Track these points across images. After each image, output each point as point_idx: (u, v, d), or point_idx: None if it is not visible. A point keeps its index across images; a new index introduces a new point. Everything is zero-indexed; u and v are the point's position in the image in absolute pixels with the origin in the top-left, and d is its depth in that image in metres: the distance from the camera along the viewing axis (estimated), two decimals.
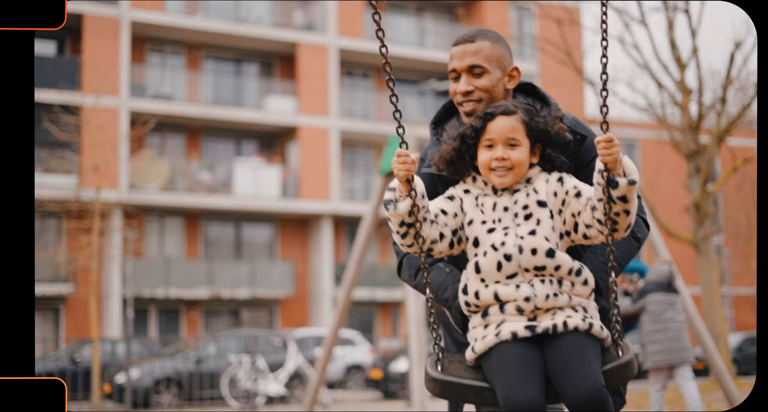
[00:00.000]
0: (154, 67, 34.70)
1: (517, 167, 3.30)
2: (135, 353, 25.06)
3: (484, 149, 3.34)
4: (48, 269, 30.73)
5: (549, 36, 26.74)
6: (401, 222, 3.25)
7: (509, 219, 3.30)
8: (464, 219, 3.36)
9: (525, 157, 3.31)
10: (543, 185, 3.33)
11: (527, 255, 3.23)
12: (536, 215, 3.28)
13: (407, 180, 3.19)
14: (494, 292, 3.26)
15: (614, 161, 3.09)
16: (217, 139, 35.38)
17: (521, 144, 3.30)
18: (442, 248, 3.34)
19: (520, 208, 3.30)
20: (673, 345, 10.76)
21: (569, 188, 3.30)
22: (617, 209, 3.16)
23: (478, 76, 3.43)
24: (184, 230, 34.16)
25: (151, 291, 31.78)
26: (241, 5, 35.36)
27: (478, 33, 3.50)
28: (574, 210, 3.26)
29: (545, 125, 3.33)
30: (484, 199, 3.35)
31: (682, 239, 22.62)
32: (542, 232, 3.26)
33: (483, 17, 37.05)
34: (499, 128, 3.30)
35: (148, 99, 32.85)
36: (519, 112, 3.31)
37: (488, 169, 3.32)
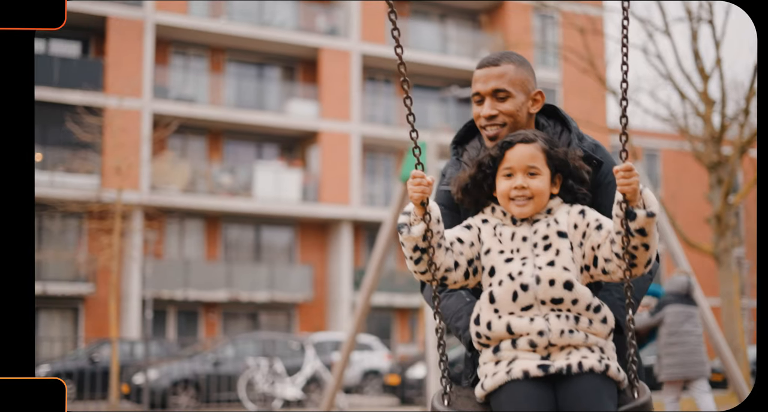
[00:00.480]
0: (177, 69, 34.85)
1: (538, 197, 3.21)
2: (153, 354, 25.14)
3: (502, 178, 3.25)
4: (68, 268, 30.88)
5: (572, 45, 26.72)
6: (415, 247, 3.15)
7: (528, 249, 3.19)
8: (481, 249, 3.25)
9: (545, 186, 3.22)
10: (564, 216, 3.23)
11: (544, 286, 3.11)
12: (556, 246, 3.18)
13: (422, 203, 3.11)
14: (507, 323, 3.13)
15: (633, 192, 2.99)
16: (238, 143, 35.48)
17: (541, 173, 3.22)
18: (456, 277, 3.22)
19: (540, 238, 3.20)
20: (689, 359, 10.70)
21: (590, 220, 3.19)
22: (635, 242, 3.03)
23: (502, 100, 3.38)
24: (204, 232, 34.27)
25: (170, 292, 31.88)
26: (264, 9, 35.49)
27: (503, 56, 3.44)
28: (594, 243, 3.14)
29: (565, 156, 3.26)
30: (502, 228, 3.26)
31: (702, 250, 22.53)
32: (561, 263, 3.14)
33: (506, 25, 37.05)
34: (518, 156, 3.22)
35: (170, 101, 33.00)
36: (539, 141, 3.24)
37: (507, 198, 3.23)
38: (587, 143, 3.47)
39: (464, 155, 3.55)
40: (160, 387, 21.79)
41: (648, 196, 3.01)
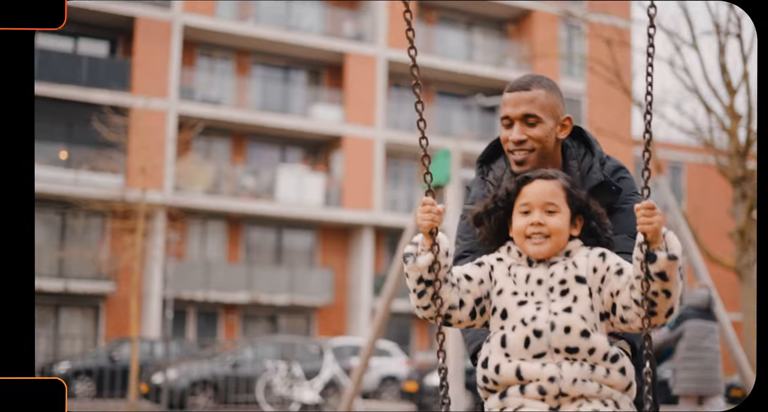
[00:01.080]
0: (203, 71, 35.00)
1: (555, 236, 3.03)
2: (173, 354, 25.27)
3: (519, 215, 3.08)
4: (91, 267, 31.05)
5: (598, 56, 26.69)
6: (419, 278, 2.99)
7: (543, 293, 3.00)
8: (492, 288, 3.07)
9: (564, 225, 3.04)
10: (583, 260, 3.03)
11: (559, 333, 2.91)
12: (573, 291, 2.98)
13: (431, 233, 2.97)
14: (517, 367, 2.93)
15: (655, 232, 2.82)
16: (262, 145, 35.59)
17: (560, 211, 3.04)
18: (461, 316, 3.06)
19: (557, 282, 3.00)
20: (706, 375, 10.66)
21: (611, 265, 3.00)
22: (656, 287, 2.85)
23: (531, 126, 3.34)
24: (226, 233, 34.38)
25: (191, 293, 32.00)
26: (292, 13, 35.60)
27: (533, 80, 3.39)
28: (613, 289, 2.95)
29: (587, 200, 3.10)
30: (517, 269, 3.06)
31: (724, 265, 22.46)
32: (579, 310, 2.95)
33: (533, 35, 37.02)
34: (537, 192, 3.06)
35: (196, 103, 33.14)
36: (560, 178, 3.09)
37: (523, 236, 3.05)
38: (609, 169, 3.44)
39: (489, 174, 3.54)
40: (179, 387, 21.90)
41: (671, 240, 2.84)
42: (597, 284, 2.98)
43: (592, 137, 3.52)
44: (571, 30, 38.02)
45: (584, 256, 3.05)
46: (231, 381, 22.24)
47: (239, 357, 23.00)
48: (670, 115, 64.17)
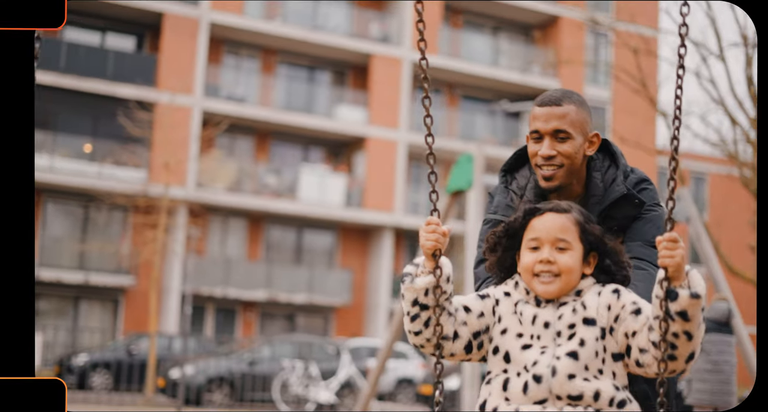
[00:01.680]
0: (228, 68, 35.13)
1: (566, 275, 2.82)
2: (190, 350, 25.37)
3: (527, 251, 2.88)
4: (111, 260, 31.22)
5: (624, 64, 26.65)
6: (414, 300, 2.84)
7: (550, 337, 2.80)
8: (493, 323, 2.89)
9: (576, 264, 2.84)
10: (594, 299, 2.83)
11: (561, 379, 2.72)
12: (580, 334, 2.77)
13: (434, 255, 2.85)
14: (516, 410, 2.76)
15: (676, 267, 2.64)
16: (285, 144, 35.68)
17: (572, 248, 2.84)
18: (454, 348, 2.89)
19: (565, 326, 2.80)
20: (721, 388, 10.64)
21: (626, 303, 2.80)
22: (676, 328, 2.65)
23: (562, 141, 3.34)
24: (247, 231, 34.48)
25: (210, 289, 32.12)
26: (319, 13, 35.68)
27: (564, 95, 3.38)
28: (629, 329, 2.76)
29: (602, 235, 2.91)
30: (524, 307, 2.87)
31: (744, 278, 22.39)
32: (585, 355, 2.75)
33: (559, 41, 36.99)
34: (547, 226, 2.87)
35: (221, 100, 33.27)
36: (573, 212, 2.90)
37: (531, 274, 2.85)
38: (632, 181, 3.44)
39: (513, 183, 3.53)
40: (196, 383, 22.01)
41: (694, 277, 2.66)
42: (610, 323, 2.79)
43: (617, 150, 3.51)
44: (597, 38, 37.96)
45: (596, 294, 2.85)
46: (248, 379, 22.33)
47: (256, 355, 23.08)
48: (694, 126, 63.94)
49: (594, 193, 3.44)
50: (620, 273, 2.91)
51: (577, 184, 3.45)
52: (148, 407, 21.56)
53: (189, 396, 21.73)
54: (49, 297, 31.32)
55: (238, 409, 21.84)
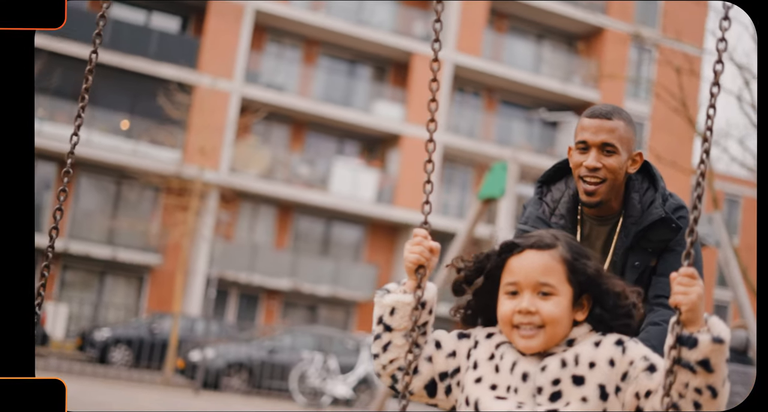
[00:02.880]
0: (270, 56, 35.22)
1: (551, 326, 2.39)
2: (212, 333, 25.56)
3: (505, 297, 2.45)
4: (139, 238, 31.42)
5: (666, 82, 26.56)
6: (380, 318, 2.54)
7: (527, 393, 2.38)
8: (466, 369, 2.49)
9: (563, 312, 2.41)
10: (589, 351, 2.39)
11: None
12: (567, 396, 2.35)
13: (417, 271, 2.54)
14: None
15: (690, 306, 2.24)
16: (320, 136, 35.76)
17: (558, 293, 2.40)
18: (413, 386, 2.51)
19: (548, 381, 2.37)
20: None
21: (635, 358, 2.36)
22: (697, 382, 2.23)
23: (608, 154, 3.35)
24: (276, 219, 34.59)
25: (235, 274, 32.25)
26: (364, 8, 35.73)
27: (614, 111, 3.38)
28: (641, 389, 2.32)
29: (597, 274, 2.46)
30: (506, 351, 2.45)
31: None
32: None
33: (603, 54, 36.84)
34: (526, 268, 2.43)
35: (260, 87, 33.37)
36: (560, 247, 2.46)
37: (510, 325, 2.42)
38: (671, 206, 3.42)
39: (547, 196, 3.54)
40: (215, 367, 22.16)
41: (715, 323, 2.26)
42: (615, 382, 2.35)
43: (657, 173, 3.51)
44: (641, 53, 37.78)
45: (592, 345, 2.41)
46: (266, 367, 22.46)
47: (277, 344, 23.19)
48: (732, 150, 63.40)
49: (631, 213, 3.43)
50: (618, 322, 2.46)
51: (615, 202, 3.45)
52: (165, 387, 21.74)
53: (207, 379, 21.90)
54: (76, 270, 31.61)
55: (255, 397, 21.98)
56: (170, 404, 18.32)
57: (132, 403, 17.23)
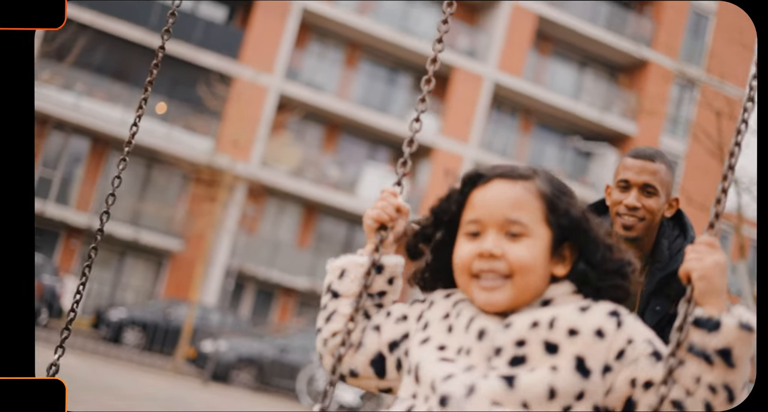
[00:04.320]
0: (312, 55, 35.31)
1: (520, 275, 1.87)
2: (226, 325, 25.62)
3: (464, 239, 1.95)
4: (163, 222, 31.53)
5: (705, 123, 26.48)
6: (329, 285, 2.13)
7: (482, 354, 1.86)
8: (415, 331, 2.01)
9: (537, 259, 1.89)
10: (571, 315, 1.85)
11: (478, 405, 1.77)
12: (533, 362, 1.82)
13: (378, 231, 2.12)
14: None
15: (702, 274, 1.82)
16: (354, 139, 35.81)
17: (530, 234, 1.89)
18: (355, 364, 2.05)
19: (511, 341, 1.84)
20: None
21: (635, 337, 1.84)
22: (712, 377, 1.77)
23: (648, 195, 3.41)
24: (301, 218, 34.65)
25: (254, 268, 32.33)
26: (410, 16, 35.76)
27: (657, 154, 3.46)
28: (640, 376, 1.81)
29: (584, 217, 1.95)
30: (463, 307, 1.96)
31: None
32: (529, 389, 1.78)
33: (644, 88, 36.71)
34: (491, 201, 1.92)
35: (299, 84, 33.43)
36: (536, 179, 1.95)
37: (468, 274, 1.92)
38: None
39: None
40: (225, 360, 22.22)
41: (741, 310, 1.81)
42: (604, 359, 1.82)
43: (689, 222, 3.53)
44: (682, 90, 37.68)
45: (576, 309, 1.87)
46: (276, 365, 22.48)
47: (289, 342, 23.21)
48: None
49: (659, 258, 3.46)
50: (606, 282, 1.93)
51: (647, 244, 3.48)
52: (175, 375, 21.83)
53: (217, 371, 21.96)
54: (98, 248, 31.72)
55: (262, 393, 22.03)
56: (178, 394, 18.41)
57: (140, 389, 17.32)
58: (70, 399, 2.37)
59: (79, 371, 16.13)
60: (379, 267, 2.12)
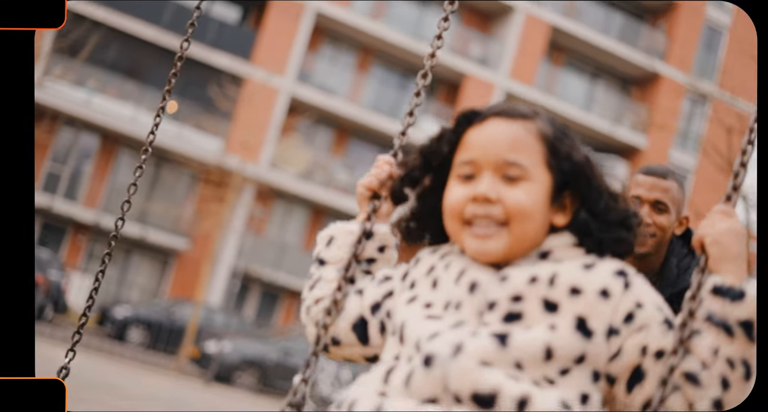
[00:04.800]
0: (324, 58, 35.33)
1: (518, 223, 1.72)
2: (230, 326, 25.62)
3: (456, 182, 1.80)
4: (170, 221, 31.55)
5: (715, 139, 26.44)
6: (317, 254, 2.06)
7: (473, 308, 1.71)
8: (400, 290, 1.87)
9: (536, 204, 1.74)
10: (574, 272, 1.71)
11: (466, 364, 1.60)
12: (529, 320, 1.67)
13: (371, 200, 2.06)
14: (377, 405, 1.65)
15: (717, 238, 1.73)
16: (363, 144, 35.80)
17: (529, 177, 1.75)
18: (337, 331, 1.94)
19: (507, 296, 1.70)
20: None
21: (645, 301, 1.71)
22: (731, 350, 1.65)
23: (659, 212, 3.37)
24: (308, 221, 34.64)
25: (260, 270, 32.33)
26: (424, 22, 35.77)
27: (669, 172, 3.43)
28: (652, 343, 1.68)
29: (585, 160, 1.81)
30: (452, 259, 1.82)
31: None
32: (523, 348, 1.62)
33: (656, 102, 36.67)
34: (487, 141, 1.78)
35: (310, 87, 33.45)
36: (538, 119, 1.82)
37: (460, 220, 1.77)
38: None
39: None
40: (229, 361, 22.23)
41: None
42: (609, 320, 1.67)
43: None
44: (694, 105, 37.61)
45: (579, 266, 1.73)
46: (279, 368, 22.48)
47: (292, 345, 23.22)
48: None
49: (667, 276, 3.44)
50: (609, 234, 1.78)
51: (656, 261, 3.46)
52: (177, 375, 21.83)
53: (220, 372, 21.96)
54: (105, 244, 31.77)
55: (264, 396, 22.02)
56: (180, 394, 18.41)
57: (143, 389, 17.33)
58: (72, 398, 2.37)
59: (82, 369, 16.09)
60: (369, 234, 2.02)
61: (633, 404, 1.69)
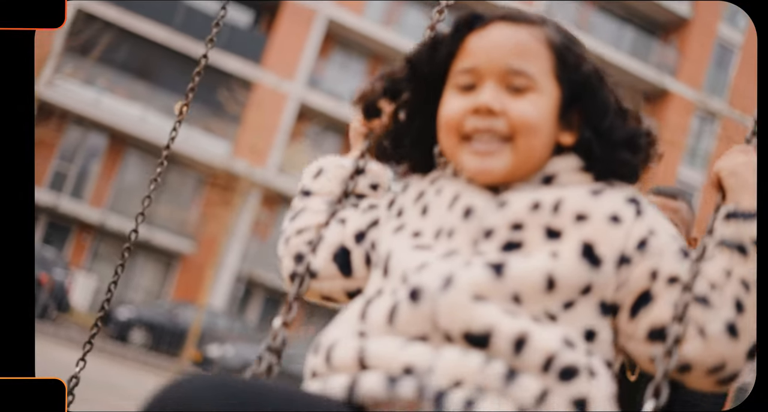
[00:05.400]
0: (334, 65, 35.32)
1: (524, 138, 1.57)
2: (233, 330, 25.59)
3: (454, 92, 1.63)
4: (175, 223, 31.51)
5: None
6: (302, 186, 1.91)
7: (467, 236, 1.56)
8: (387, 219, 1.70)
9: (543, 118, 1.59)
10: (580, 198, 1.57)
11: (457, 299, 1.45)
12: (530, 247, 1.52)
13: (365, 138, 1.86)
14: (359, 349, 1.49)
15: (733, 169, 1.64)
16: None
17: (536, 88, 1.59)
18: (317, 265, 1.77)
19: (506, 223, 1.55)
20: None
21: (658, 229, 1.59)
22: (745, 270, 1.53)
23: None
24: None
25: (264, 275, 32.29)
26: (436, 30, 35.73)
27: (679, 193, 3.40)
28: (665, 268, 1.55)
29: (594, 73, 1.64)
30: (443, 183, 1.66)
31: None
32: (522, 279, 1.47)
33: (665, 118, 36.58)
34: (490, 46, 1.61)
35: (320, 93, 33.43)
36: (546, 27, 1.64)
37: (458, 135, 1.60)
38: None
39: None
40: (231, 366, 22.20)
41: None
42: (621, 247, 1.53)
43: None
44: (703, 123, 37.57)
45: (586, 192, 1.58)
46: (281, 374, 22.41)
47: (294, 351, 23.17)
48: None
49: None
50: (614, 154, 1.64)
51: None
52: None
53: None
54: (109, 244, 31.76)
55: None
56: None
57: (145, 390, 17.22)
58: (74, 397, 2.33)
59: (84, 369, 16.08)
60: (362, 171, 1.85)
61: (637, 333, 1.53)
